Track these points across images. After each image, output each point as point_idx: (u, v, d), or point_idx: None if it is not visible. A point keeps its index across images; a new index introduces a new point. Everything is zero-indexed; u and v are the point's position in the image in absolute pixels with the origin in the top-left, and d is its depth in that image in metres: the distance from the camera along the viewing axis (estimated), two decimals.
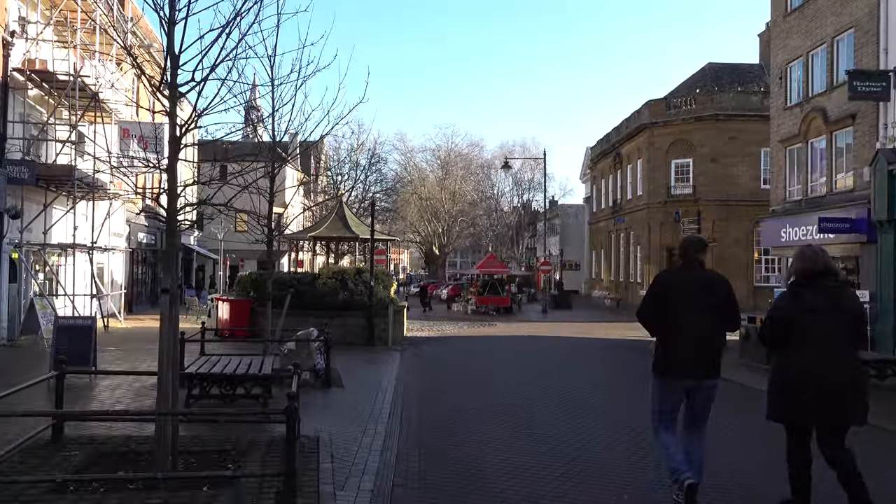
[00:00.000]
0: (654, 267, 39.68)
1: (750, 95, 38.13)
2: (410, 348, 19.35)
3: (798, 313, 5.34)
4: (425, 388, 12.56)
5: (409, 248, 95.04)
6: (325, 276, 20.84)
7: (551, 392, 12.13)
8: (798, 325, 5.32)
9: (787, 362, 5.38)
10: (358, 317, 19.89)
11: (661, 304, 5.71)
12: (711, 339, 5.69)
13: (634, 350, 20.41)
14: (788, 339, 5.37)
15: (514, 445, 8.08)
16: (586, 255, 60.95)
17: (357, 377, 13.11)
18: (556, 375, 14.52)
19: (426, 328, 27.37)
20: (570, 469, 7.10)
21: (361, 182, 49.90)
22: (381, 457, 7.28)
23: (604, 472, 7.05)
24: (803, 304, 5.35)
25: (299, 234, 30.09)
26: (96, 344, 11.87)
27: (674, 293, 5.70)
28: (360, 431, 8.40)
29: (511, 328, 28.59)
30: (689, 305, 5.59)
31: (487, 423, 9.35)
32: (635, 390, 10.82)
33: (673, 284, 5.82)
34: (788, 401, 5.32)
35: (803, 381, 5.24)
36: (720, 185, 37.44)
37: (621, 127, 46.23)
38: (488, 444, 8.10)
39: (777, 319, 5.49)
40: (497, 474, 6.85)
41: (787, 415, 5.39)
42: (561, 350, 20.61)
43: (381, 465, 6.99)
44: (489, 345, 21.80)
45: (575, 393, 12.23)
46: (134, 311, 32.71)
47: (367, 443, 7.86)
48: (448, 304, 45.09)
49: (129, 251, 32.17)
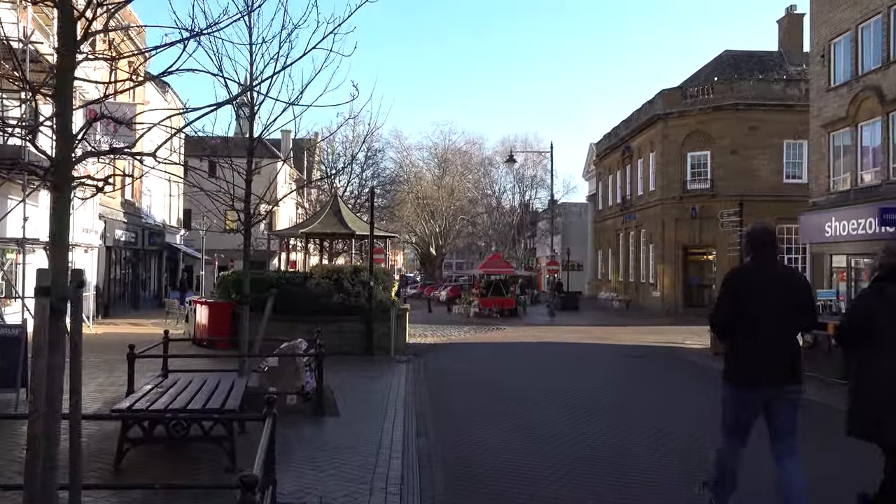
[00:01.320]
0: (669, 266, 37.33)
1: (771, 84, 35.79)
2: (415, 359, 16.85)
3: (881, 311, 4.89)
4: (444, 416, 10.03)
5: (403, 249, 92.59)
6: (318, 275, 18.35)
7: (622, 434, 9.35)
8: (881, 324, 4.85)
9: (868, 367, 4.91)
10: (355, 322, 17.40)
11: (737, 306, 5.11)
12: (792, 341, 5.19)
13: (667, 359, 18.01)
14: (870, 339, 4.89)
15: None
16: (590, 254, 58.61)
17: (356, 399, 10.63)
18: (611, 399, 12.03)
19: (430, 333, 24.88)
20: None
21: (357, 176, 47.20)
22: None
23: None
24: (888, 301, 4.88)
25: (290, 231, 27.53)
26: (26, 358, 9.33)
27: (749, 292, 5.11)
28: (366, 494, 5.90)
29: (521, 333, 26.11)
30: (767, 305, 5.02)
31: (546, 480, 6.80)
32: (695, 410, 7.51)
33: (747, 282, 5.21)
34: (871, 414, 4.82)
35: (889, 391, 4.72)
36: (740, 179, 35.07)
37: (631, 119, 43.82)
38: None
39: (857, 317, 5.11)
40: None
41: (868, 431, 4.87)
42: (590, 360, 18.06)
43: None
44: (504, 354, 19.29)
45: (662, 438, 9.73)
46: (111, 315, 30.17)
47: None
48: (448, 307, 42.69)
49: (105, 249, 29.58)
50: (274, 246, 40.70)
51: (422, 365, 15.79)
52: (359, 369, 14.29)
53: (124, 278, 34.11)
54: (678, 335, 24.67)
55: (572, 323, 32.25)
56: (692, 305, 37.07)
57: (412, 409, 10.30)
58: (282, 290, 17.23)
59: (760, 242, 5.18)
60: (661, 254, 38.22)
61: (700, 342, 22.45)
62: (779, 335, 5.02)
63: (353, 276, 18.27)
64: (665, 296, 37.59)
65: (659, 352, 19.59)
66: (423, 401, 11.21)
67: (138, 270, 36.11)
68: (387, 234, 30.57)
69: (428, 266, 69.15)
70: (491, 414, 10.17)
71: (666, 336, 24.18)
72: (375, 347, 17.05)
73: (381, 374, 13.87)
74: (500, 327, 28.39)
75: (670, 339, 23.38)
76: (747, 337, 5.06)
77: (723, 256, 35.53)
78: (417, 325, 26.55)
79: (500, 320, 33.57)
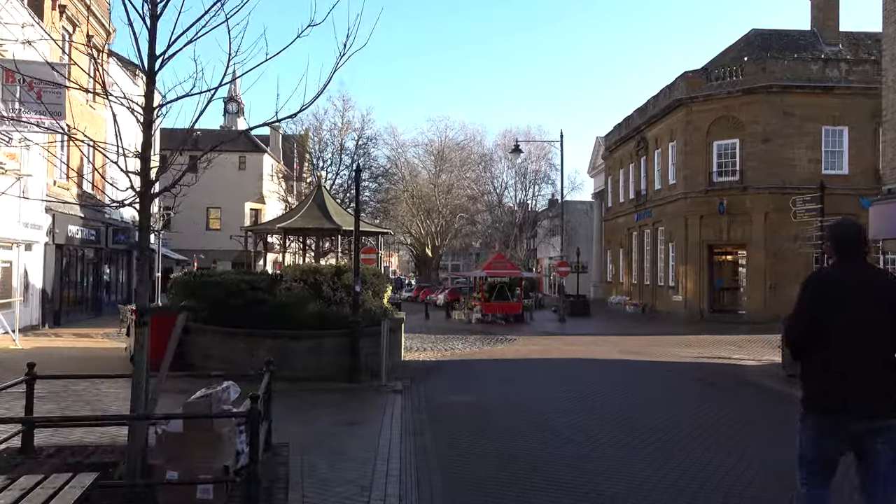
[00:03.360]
0: (692, 267, 33.59)
1: (809, 63, 32.09)
2: (413, 386, 13.04)
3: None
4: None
5: (398, 251, 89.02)
6: (289, 277, 14.55)
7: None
8: None
9: None
10: (337, 338, 13.60)
11: (821, 318, 4.21)
12: (889, 360, 4.17)
13: (738, 384, 13.96)
14: None
15: None
16: (595, 255, 54.90)
17: (323, 469, 6.85)
18: (730, 465, 8.22)
19: (428, 346, 21.04)
20: None
21: (347, 167, 43.23)
22: None
23: None
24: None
25: (266, 226, 23.70)
26: None
27: (835, 301, 4.23)
28: None
29: (536, 345, 22.30)
30: (858, 316, 4.16)
31: None
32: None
33: (833, 289, 4.31)
34: None
35: None
36: (773, 169, 31.40)
37: (647, 107, 40.05)
38: None
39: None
40: None
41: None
42: (645, 385, 14.18)
43: None
44: (527, 377, 15.11)
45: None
46: (63, 323, 26.30)
47: None
48: (446, 312, 38.94)
49: (54, 247, 25.69)
50: (259, 246, 36.97)
51: (421, 397, 11.92)
52: (336, 408, 10.48)
53: (83, 281, 30.17)
54: (720, 347, 20.95)
55: (588, 331, 28.52)
56: (719, 311, 33.39)
57: (412, 489, 6.50)
58: (241, 297, 13.46)
59: (849, 242, 4.39)
60: (683, 254, 34.44)
61: (751, 356, 18.76)
62: (873, 353, 4.14)
63: (335, 279, 14.50)
64: (688, 300, 33.83)
65: (720, 371, 15.79)
66: (429, 466, 7.42)
67: (100, 272, 32.16)
68: (378, 229, 26.72)
69: (423, 268, 65.57)
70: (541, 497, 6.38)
71: (708, 349, 20.44)
72: (362, 371, 13.26)
73: (367, 416, 10.03)
74: (509, 337, 24.55)
75: (714, 352, 19.65)
76: (832, 354, 4.18)
77: (756, 256, 31.82)
78: (413, 334, 22.71)
79: (506, 327, 29.84)
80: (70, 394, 10.75)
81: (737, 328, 28.17)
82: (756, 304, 31.55)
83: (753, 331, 25.77)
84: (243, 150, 54.34)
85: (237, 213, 49.69)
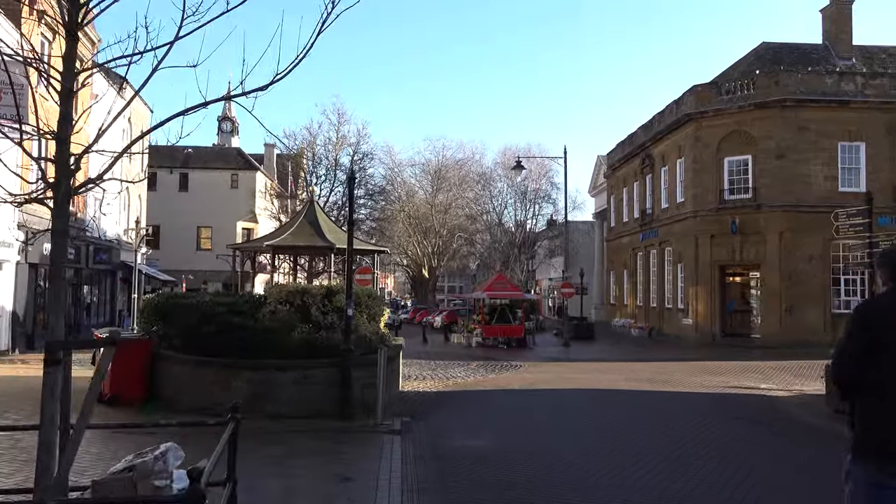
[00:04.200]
0: (703, 289, 32.03)
1: (823, 77, 30.83)
2: (413, 425, 11.37)
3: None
4: None
5: (393, 272, 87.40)
6: (274, 299, 12.94)
7: None
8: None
9: None
10: (326, 368, 11.98)
11: (876, 353, 3.69)
12: None
13: (781, 422, 12.15)
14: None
15: None
16: (597, 276, 53.34)
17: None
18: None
19: (427, 373, 19.38)
20: None
21: (342, 183, 41.66)
22: None
23: None
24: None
25: (254, 244, 22.09)
26: None
27: (889, 333, 3.69)
28: None
29: (544, 373, 20.64)
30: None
31: None
32: None
33: (886, 321, 3.76)
34: None
35: None
36: (788, 187, 30.02)
37: (652, 123, 38.72)
38: None
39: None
40: None
41: None
42: (677, 425, 12.40)
43: None
44: (544, 413, 13.28)
45: None
46: (36, 347, 24.57)
47: None
48: (445, 335, 37.30)
49: (27, 266, 24.03)
50: (247, 266, 35.30)
51: (424, 440, 10.21)
52: (321, 457, 8.80)
53: None
54: (743, 375, 19.33)
55: (595, 356, 26.89)
56: (731, 334, 31.79)
57: None
58: (216, 322, 11.86)
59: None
60: (693, 275, 32.87)
61: (780, 386, 17.16)
62: None
63: (326, 302, 12.88)
64: (699, 323, 32.23)
65: (754, 405, 14.13)
66: None
67: (80, 293, 30.43)
68: (374, 247, 25.12)
69: (420, 289, 63.93)
70: None
71: (733, 377, 18.81)
72: (355, 406, 11.61)
73: (360, 466, 8.34)
74: (513, 363, 22.88)
75: (740, 381, 18.05)
76: (887, 395, 3.65)
77: (771, 277, 30.31)
78: (411, 360, 21.03)
79: (509, 352, 28.16)
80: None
81: (750, 353, 26.55)
82: (770, 328, 30.00)
83: (767, 356, 24.16)
84: (235, 168, 52.86)
85: (229, 233, 48.03)
